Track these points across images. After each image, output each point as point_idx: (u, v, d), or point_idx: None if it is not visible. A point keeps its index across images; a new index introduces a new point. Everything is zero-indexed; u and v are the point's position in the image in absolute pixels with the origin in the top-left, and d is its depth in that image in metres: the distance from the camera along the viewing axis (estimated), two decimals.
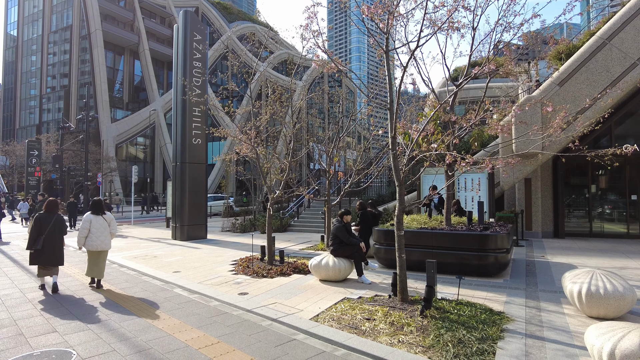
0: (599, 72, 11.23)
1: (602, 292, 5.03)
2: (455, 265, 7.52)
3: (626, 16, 11.15)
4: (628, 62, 10.96)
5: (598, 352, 3.58)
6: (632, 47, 10.97)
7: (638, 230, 13.51)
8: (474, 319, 5.02)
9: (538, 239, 13.16)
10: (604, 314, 5.09)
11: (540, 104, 11.28)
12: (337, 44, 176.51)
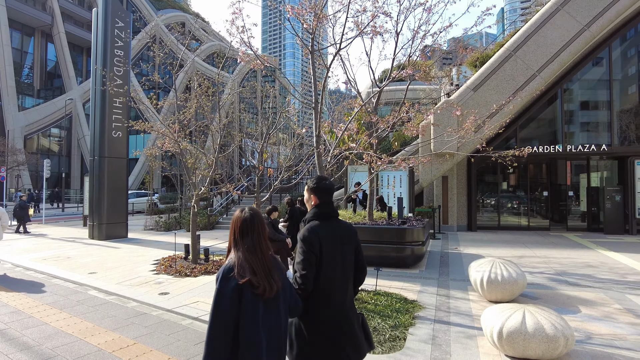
0: (506, 80, 12.41)
1: (500, 278, 5.63)
2: (376, 257, 7.92)
3: (528, 32, 12.42)
4: (529, 72, 12.23)
5: (490, 332, 4.03)
6: (533, 60, 12.25)
7: (537, 223, 15.18)
8: (389, 308, 5.36)
9: (453, 232, 14.25)
10: (501, 298, 5.69)
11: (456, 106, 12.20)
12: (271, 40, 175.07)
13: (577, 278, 7.26)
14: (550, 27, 12.20)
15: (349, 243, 2.50)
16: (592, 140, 14.39)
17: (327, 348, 2.32)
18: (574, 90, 14.92)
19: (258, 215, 2.07)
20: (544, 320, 3.83)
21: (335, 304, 2.38)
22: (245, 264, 1.92)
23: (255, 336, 1.84)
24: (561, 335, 3.74)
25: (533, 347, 3.79)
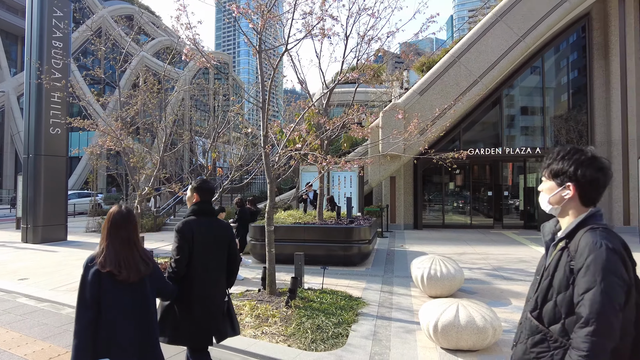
0: (451, 85, 12.99)
1: (439, 275, 5.90)
2: (325, 256, 8.03)
3: (471, 39, 13.08)
4: (472, 78, 12.88)
5: (427, 326, 4.22)
6: (475, 67, 12.91)
7: (479, 221, 16.04)
8: (334, 306, 5.45)
9: (400, 230, 14.71)
10: (440, 293, 5.97)
11: (403, 109, 12.61)
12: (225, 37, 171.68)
13: (511, 273, 7.75)
14: (491, 36, 12.92)
15: (222, 239, 2.96)
16: (529, 144, 15.40)
17: (194, 326, 2.77)
18: (514, 96, 15.91)
19: (132, 212, 2.40)
20: (475, 313, 4.07)
21: (206, 289, 2.83)
22: (112, 254, 2.21)
23: (111, 316, 2.16)
24: (490, 326, 4.00)
25: (465, 339, 4.02)
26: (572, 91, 15.51)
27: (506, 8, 12.92)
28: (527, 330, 1.63)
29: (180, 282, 2.76)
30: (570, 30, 14.88)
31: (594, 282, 1.35)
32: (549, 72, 15.51)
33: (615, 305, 1.32)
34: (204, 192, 3.00)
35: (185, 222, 2.86)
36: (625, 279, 1.37)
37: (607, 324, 1.32)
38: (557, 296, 1.52)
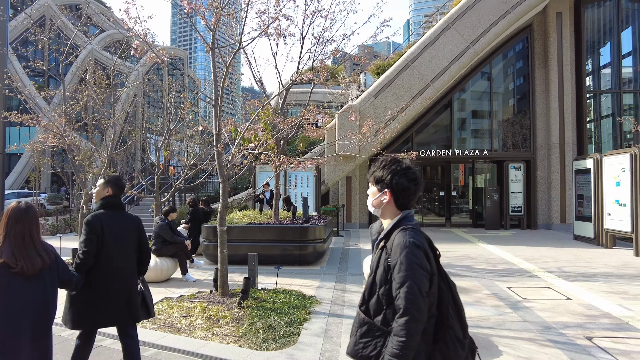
0: (404, 89, 13.39)
1: None
2: (280, 256, 8.04)
3: (423, 45, 13.55)
4: (424, 82, 13.35)
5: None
6: (427, 71, 13.39)
7: (432, 220, 16.64)
8: (287, 305, 5.49)
9: (356, 229, 14.99)
10: None
11: (358, 111, 12.85)
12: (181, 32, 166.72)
13: (458, 269, 8.11)
14: (442, 42, 13.44)
15: (131, 231, 3.21)
16: (478, 146, 16.17)
17: (99, 314, 3.04)
18: (465, 100, 16.64)
19: (32, 208, 2.53)
20: None
21: (117, 277, 3.08)
22: (7, 246, 2.33)
23: (3, 307, 2.27)
24: None
25: None
26: (518, 97, 16.45)
27: (457, 16, 13.49)
28: (356, 323, 1.78)
29: (87, 273, 2.98)
30: (515, 40, 15.77)
31: (407, 277, 1.54)
32: (496, 78, 16.35)
33: (423, 294, 1.53)
34: (116, 187, 3.23)
35: (95, 216, 3.05)
36: (428, 270, 1.59)
37: (418, 311, 1.52)
38: (379, 290, 1.69)
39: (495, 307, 5.61)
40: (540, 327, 4.81)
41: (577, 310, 5.46)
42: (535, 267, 8.27)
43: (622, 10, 15.60)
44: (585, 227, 11.80)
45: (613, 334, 4.57)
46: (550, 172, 14.90)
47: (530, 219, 15.22)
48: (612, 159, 10.60)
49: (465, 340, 1.69)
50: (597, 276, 7.44)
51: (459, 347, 1.64)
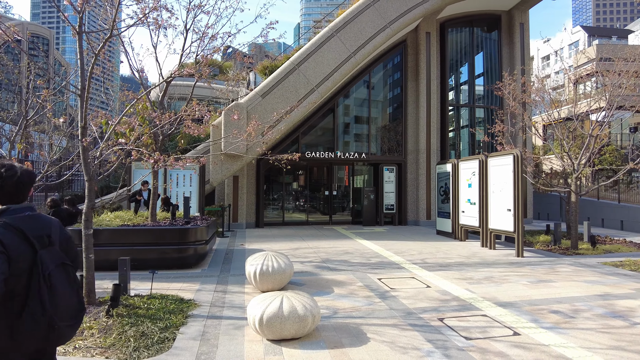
0: (290, 91, 13.71)
1: (271, 270, 6.19)
2: (157, 260, 7.59)
3: (309, 50, 14.04)
4: (310, 86, 13.84)
5: (253, 320, 4.41)
6: (313, 76, 13.91)
7: (316, 218, 17.31)
8: (162, 311, 5.22)
9: (242, 229, 14.88)
10: (272, 287, 6.26)
11: (245, 110, 12.77)
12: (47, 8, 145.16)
13: (336, 264, 8.61)
14: (327, 48, 14.10)
15: None
16: (358, 149, 17.31)
17: None
18: (349, 106, 17.68)
19: None
20: (297, 303, 4.42)
21: None
22: None
23: None
24: (310, 314, 4.40)
25: (288, 328, 4.33)
26: (394, 105, 18.05)
27: (341, 25, 14.28)
28: None
29: None
30: (392, 53, 17.28)
31: None
32: (376, 86, 17.72)
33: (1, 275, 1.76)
34: None
35: None
36: None
37: None
38: None
39: (367, 297, 6.11)
40: (403, 313, 5.38)
41: (434, 296, 6.24)
42: (403, 259, 9.20)
43: (476, 37, 18.20)
44: (446, 223, 13.49)
45: (459, 314, 5.34)
46: (418, 174, 16.68)
47: (401, 216, 16.84)
48: (466, 164, 12.31)
49: (44, 317, 1.89)
50: (452, 265, 8.59)
51: (35, 322, 1.88)
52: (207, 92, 24.63)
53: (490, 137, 13.57)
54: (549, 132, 15.55)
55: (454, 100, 18.59)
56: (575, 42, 44.96)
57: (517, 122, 13.33)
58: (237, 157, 12.57)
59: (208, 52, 6.93)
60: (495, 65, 18.05)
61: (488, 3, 17.02)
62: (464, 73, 18.78)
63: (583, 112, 12.14)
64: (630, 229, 15.08)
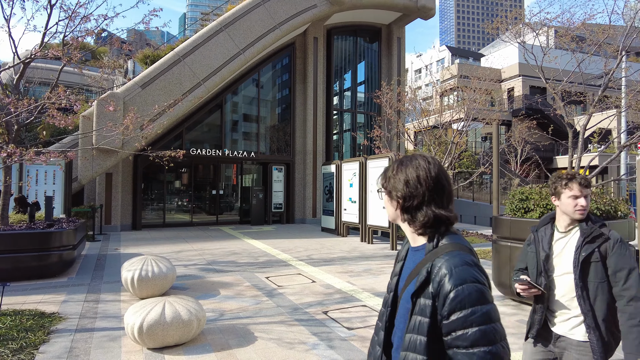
0: (174, 84, 12.95)
1: (151, 275, 5.79)
2: (10, 270, 6.52)
3: (196, 42, 13.45)
4: (196, 80, 13.26)
5: (131, 329, 4.08)
6: (199, 69, 13.35)
7: (201, 219, 16.64)
8: (15, 329, 4.51)
9: (117, 232, 13.59)
10: (152, 293, 5.86)
11: (122, 101, 11.71)
12: None
13: (223, 265, 8.42)
14: (215, 43, 13.66)
15: None
16: (247, 148, 17.13)
17: None
18: (237, 103, 17.35)
19: None
20: (181, 308, 4.23)
21: None
22: None
23: None
24: (195, 318, 4.24)
25: (171, 334, 4.12)
26: (283, 106, 18.29)
27: (230, 20, 13.96)
28: None
29: None
30: (282, 53, 17.49)
31: None
32: (265, 86, 17.74)
33: None
34: None
35: None
36: None
37: None
38: None
39: (254, 297, 6.11)
40: (290, 309, 5.52)
41: (319, 290, 6.51)
42: (290, 256, 9.40)
43: (359, 46, 19.45)
44: (330, 220, 14.16)
45: (342, 306, 5.68)
46: (305, 174, 17.19)
47: (289, 214, 17.16)
48: (348, 165, 13.09)
49: None
50: (335, 260, 9.06)
51: None
52: (77, 79, 21.87)
53: (369, 141, 14.64)
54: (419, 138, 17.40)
55: (338, 105, 19.59)
56: (442, 59, 50.95)
57: (393, 128, 14.62)
58: (112, 152, 11.43)
59: (79, 35, 6.17)
60: (375, 75, 19.52)
61: (371, 16, 18.31)
62: (347, 80, 19.91)
63: (447, 121, 13.85)
64: (481, 223, 17.68)
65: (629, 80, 11.00)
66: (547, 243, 2.38)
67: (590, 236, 2.22)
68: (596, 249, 2.20)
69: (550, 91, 9.89)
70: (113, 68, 11.44)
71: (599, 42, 9.68)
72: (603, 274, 2.18)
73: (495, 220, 6.22)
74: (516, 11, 12.16)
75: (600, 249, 2.20)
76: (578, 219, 2.29)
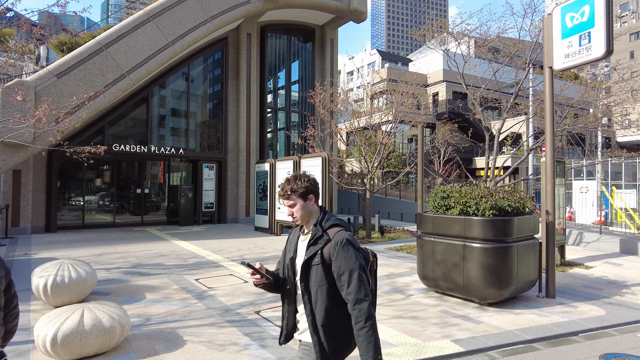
0: (95, 74, 12.03)
1: (67, 280, 5.34)
2: None
3: (121, 31, 12.60)
4: (120, 72, 12.42)
5: (43, 341, 3.73)
6: (124, 60, 12.53)
7: (125, 219, 15.64)
8: None
9: (27, 235, 12.32)
10: (69, 301, 5.40)
11: (33, 90, 10.65)
12: None
13: (149, 268, 8.00)
14: (142, 33, 12.90)
15: None
16: (175, 144, 16.40)
17: None
18: (165, 97, 16.52)
19: None
20: (102, 314, 3.96)
21: None
22: None
23: None
24: (118, 324, 3.99)
25: (91, 344, 3.84)
26: (215, 102, 17.76)
27: (158, 10, 13.26)
28: None
29: None
30: (214, 48, 16.97)
31: None
32: (196, 80, 17.10)
33: None
34: None
35: None
36: None
37: None
38: None
39: (183, 300, 5.89)
40: (221, 311, 5.39)
41: (250, 290, 6.44)
42: (221, 257, 9.18)
43: (293, 45, 19.49)
44: (263, 219, 14.04)
45: (274, 305, 5.67)
46: (238, 172, 16.87)
47: (220, 214, 16.73)
48: (282, 163, 13.07)
49: None
50: (269, 259, 9.01)
51: None
52: None
53: (303, 140, 14.75)
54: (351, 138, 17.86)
55: (272, 103, 19.48)
56: (372, 62, 52.74)
57: (326, 128, 14.88)
58: (21, 147, 10.32)
59: None
60: (309, 74, 19.70)
61: (304, 16, 18.42)
62: (281, 78, 19.86)
63: (376, 123, 14.38)
64: (407, 220, 18.60)
65: (535, 90, 12.22)
66: (294, 245, 2.33)
67: (313, 238, 2.17)
68: (319, 251, 2.13)
69: (470, 97, 10.68)
70: (22, 53, 10.21)
71: (511, 54, 10.65)
72: (322, 277, 2.11)
73: (420, 217, 6.59)
74: (441, 20, 12.97)
75: (323, 251, 2.13)
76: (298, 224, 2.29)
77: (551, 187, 6.33)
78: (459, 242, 5.75)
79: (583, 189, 14.57)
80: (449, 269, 5.86)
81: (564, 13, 6.14)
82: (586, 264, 8.81)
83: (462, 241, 5.73)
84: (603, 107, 13.96)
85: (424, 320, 5.12)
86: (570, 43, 6.00)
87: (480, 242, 5.55)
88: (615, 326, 5.09)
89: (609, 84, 15.00)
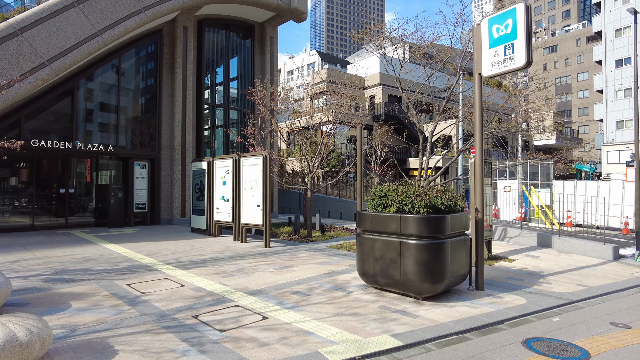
0: (9, 61, 10.88)
1: None
2: None
3: (40, 15, 11.51)
4: (39, 60, 11.35)
5: None
6: (44, 48, 11.47)
7: (46, 222, 14.31)
8: None
9: None
10: None
11: None
12: None
13: (74, 274, 7.40)
14: (65, 19, 11.88)
15: None
16: (104, 141, 15.32)
17: None
18: (93, 90, 15.33)
19: None
20: (18, 328, 3.58)
21: None
22: None
23: None
24: (37, 338, 3.63)
25: None
26: (147, 97, 16.82)
27: None
28: None
29: None
30: (147, 40, 16.06)
31: None
32: (127, 73, 16.08)
33: None
34: None
35: None
36: None
37: None
38: None
39: (114, 306, 5.51)
40: (156, 317, 5.12)
41: (188, 294, 6.19)
42: (155, 260, 8.73)
43: (232, 41, 19.04)
44: (200, 220, 13.57)
45: (213, 308, 5.49)
46: (173, 171, 16.15)
47: (154, 215, 15.92)
48: (221, 162, 12.73)
49: None
50: (206, 261, 8.72)
51: None
52: None
53: (243, 139, 14.45)
54: (292, 137, 17.83)
55: (210, 100, 18.88)
56: (312, 63, 53.05)
57: (267, 126, 14.71)
58: None
59: None
60: (249, 72, 19.36)
61: (243, 11, 18.06)
62: (219, 74, 19.32)
63: (317, 123, 14.49)
64: (347, 218, 18.95)
65: (465, 95, 13.03)
66: None
67: None
68: None
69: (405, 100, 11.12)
70: None
71: (443, 60, 11.25)
72: None
73: (359, 215, 6.74)
74: (379, 24, 13.36)
75: None
76: None
77: (480, 186, 6.77)
78: (396, 239, 5.96)
79: (506, 188, 15.81)
80: (387, 265, 6.05)
81: (491, 24, 6.60)
82: (509, 257, 9.55)
83: (399, 238, 5.94)
84: (523, 113, 15.23)
85: (364, 316, 5.24)
86: (497, 52, 6.46)
87: (416, 239, 5.79)
88: (534, 313, 5.58)
89: (527, 92, 16.40)
